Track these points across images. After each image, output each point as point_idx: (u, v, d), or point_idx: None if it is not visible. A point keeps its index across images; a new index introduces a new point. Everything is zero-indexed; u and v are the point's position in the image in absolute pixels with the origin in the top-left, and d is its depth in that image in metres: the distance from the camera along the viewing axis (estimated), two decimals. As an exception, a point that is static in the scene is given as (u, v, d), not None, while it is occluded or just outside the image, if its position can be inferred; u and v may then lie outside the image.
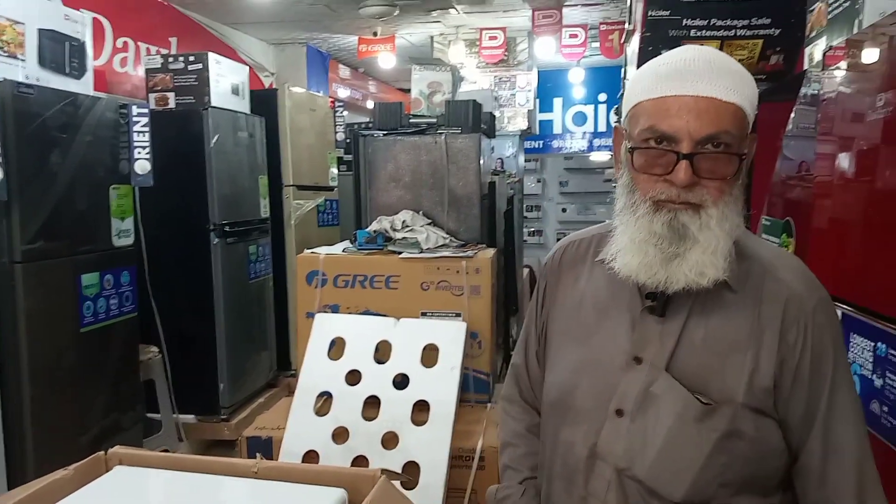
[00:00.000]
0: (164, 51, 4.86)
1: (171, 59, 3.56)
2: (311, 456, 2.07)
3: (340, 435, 2.10)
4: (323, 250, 2.50)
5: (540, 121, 7.27)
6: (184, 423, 3.50)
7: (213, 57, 3.56)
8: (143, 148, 2.91)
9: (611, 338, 1.02)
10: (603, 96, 7.31)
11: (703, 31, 2.20)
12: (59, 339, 2.60)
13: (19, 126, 2.40)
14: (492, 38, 6.06)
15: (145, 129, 2.92)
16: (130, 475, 1.11)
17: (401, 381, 2.16)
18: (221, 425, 3.58)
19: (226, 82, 3.67)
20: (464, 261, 2.33)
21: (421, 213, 2.69)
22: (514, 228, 3.84)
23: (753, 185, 2.29)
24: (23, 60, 2.53)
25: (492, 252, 2.49)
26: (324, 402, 2.18)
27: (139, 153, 2.91)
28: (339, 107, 5.04)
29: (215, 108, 3.52)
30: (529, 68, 6.62)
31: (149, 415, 3.23)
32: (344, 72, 7.75)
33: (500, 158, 5.72)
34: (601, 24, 5.84)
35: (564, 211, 7.86)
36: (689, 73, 0.92)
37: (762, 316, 0.95)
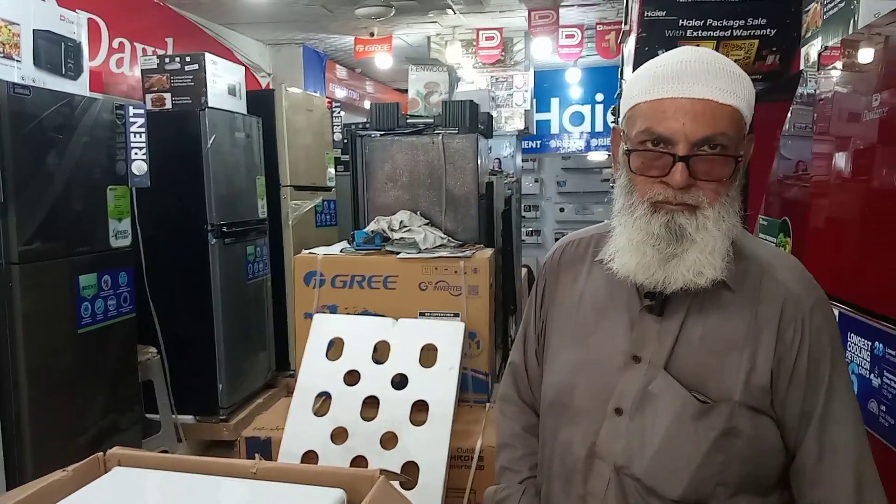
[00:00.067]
0: (160, 51, 4.85)
1: (167, 60, 3.55)
2: (309, 456, 2.08)
3: (339, 435, 2.10)
4: (321, 251, 2.50)
5: (537, 121, 7.26)
6: (182, 423, 3.49)
7: (209, 57, 3.56)
8: (140, 149, 2.91)
9: (609, 337, 1.02)
10: (600, 96, 7.30)
11: (700, 32, 2.21)
12: (57, 341, 2.60)
13: (15, 127, 2.40)
14: (488, 39, 6.06)
15: (142, 129, 2.92)
16: (129, 476, 1.11)
17: (399, 382, 2.16)
18: (220, 426, 3.58)
19: (222, 83, 3.66)
20: (462, 261, 2.33)
21: (419, 213, 2.69)
22: (511, 228, 3.84)
23: (751, 184, 2.30)
24: (18, 61, 2.52)
25: (490, 252, 2.49)
26: (322, 402, 2.18)
27: (136, 154, 2.90)
28: (337, 107, 5.04)
29: (212, 108, 3.52)
30: (526, 68, 6.62)
31: (147, 415, 3.23)
32: (341, 72, 7.73)
33: (497, 158, 5.72)
34: (598, 24, 5.84)
35: (562, 211, 7.86)
36: (685, 76, 0.92)
37: (760, 315, 0.96)
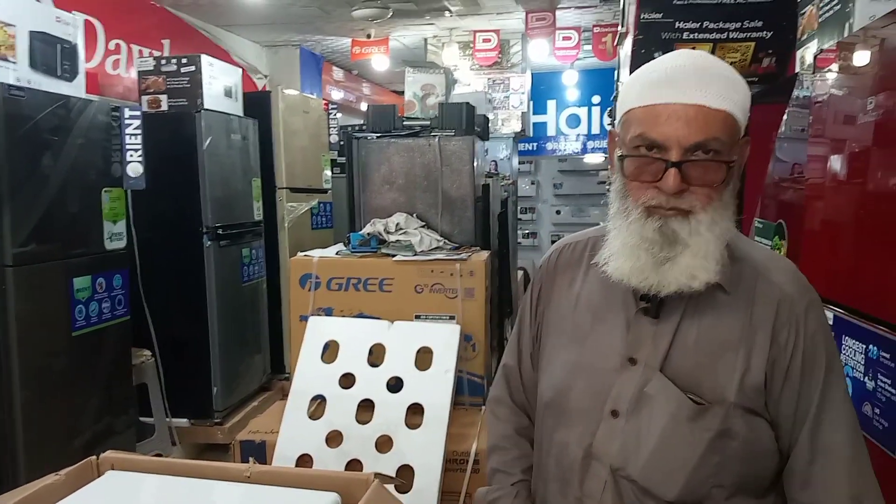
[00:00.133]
0: (156, 53, 4.84)
1: (163, 62, 3.55)
2: (304, 460, 2.07)
3: (334, 438, 2.09)
4: (316, 253, 2.50)
5: (534, 123, 7.28)
6: (177, 426, 3.48)
7: (205, 59, 3.56)
8: (136, 151, 2.90)
9: (605, 339, 1.03)
10: (596, 98, 7.31)
11: (696, 34, 2.21)
12: (51, 343, 2.59)
13: (10, 129, 2.39)
14: (485, 41, 6.08)
15: (138, 131, 2.91)
16: (122, 480, 1.10)
17: (395, 385, 2.15)
18: (215, 429, 3.56)
19: (219, 84, 3.66)
20: (458, 263, 2.33)
21: (415, 215, 2.69)
22: (508, 231, 3.84)
23: (746, 187, 2.30)
24: (14, 63, 2.51)
25: (486, 254, 2.49)
26: (317, 405, 2.18)
27: (131, 156, 2.89)
28: (333, 109, 5.04)
29: (208, 110, 3.51)
30: (523, 70, 6.63)
31: (142, 419, 3.22)
32: (337, 74, 7.73)
33: (493, 161, 5.73)
34: (594, 26, 5.86)
35: (559, 213, 7.88)
36: (678, 81, 0.92)
37: (754, 317, 0.96)
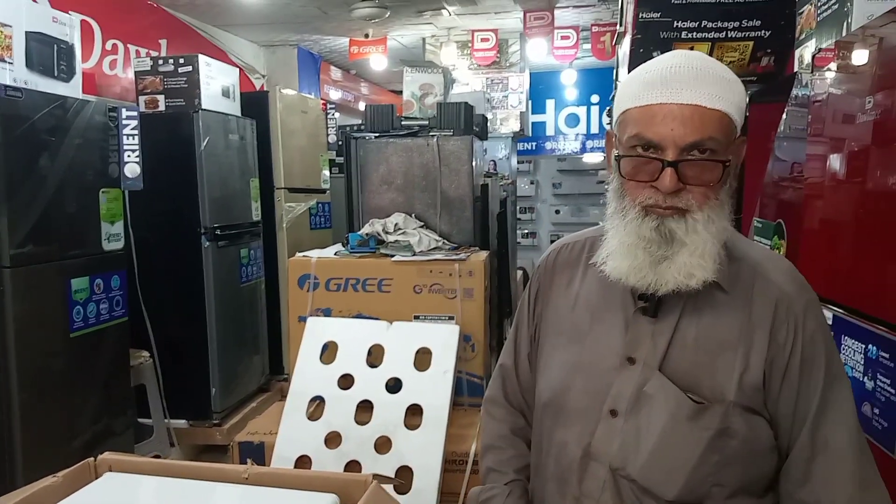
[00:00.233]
0: (153, 53, 4.83)
1: (160, 62, 3.54)
2: (303, 461, 2.07)
3: (333, 439, 2.09)
4: (315, 253, 2.49)
5: (532, 122, 7.27)
6: (175, 428, 3.48)
7: (203, 59, 3.55)
8: (133, 151, 2.89)
9: (604, 339, 1.03)
10: (595, 98, 7.31)
11: (694, 33, 2.21)
12: (49, 344, 2.58)
13: (7, 129, 2.38)
14: (484, 40, 6.07)
15: (135, 132, 2.90)
16: (120, 482, 1.10)
17: (394, 385, 2.15)
18: (213, 430, 3.55)
19: (216, 84, 3.65)
20: (456, 263, 2.32)
21: (413, 215, 2.68)
22: (507, 230, 3.84)
23: (745, 186, 2.30)
24: (10, 63, 2.50)
25: (485, 254, 2.49)
26: (316, 406, 2.17)
27: (129, 156, 2.89)
28: (331, 109, 5.03)
29: (206, 110, 3.51)
30: (521, 70, 6.62)
31: (140, 420, 3.21)
32: (335, 73, 7.72)
33: (492, 160, 5.72)
34: (593, 25, 5.85)
35: (558, 212, 7.88)
36: (674, 81, 0.93)
37: (753, 315, 0.96)
